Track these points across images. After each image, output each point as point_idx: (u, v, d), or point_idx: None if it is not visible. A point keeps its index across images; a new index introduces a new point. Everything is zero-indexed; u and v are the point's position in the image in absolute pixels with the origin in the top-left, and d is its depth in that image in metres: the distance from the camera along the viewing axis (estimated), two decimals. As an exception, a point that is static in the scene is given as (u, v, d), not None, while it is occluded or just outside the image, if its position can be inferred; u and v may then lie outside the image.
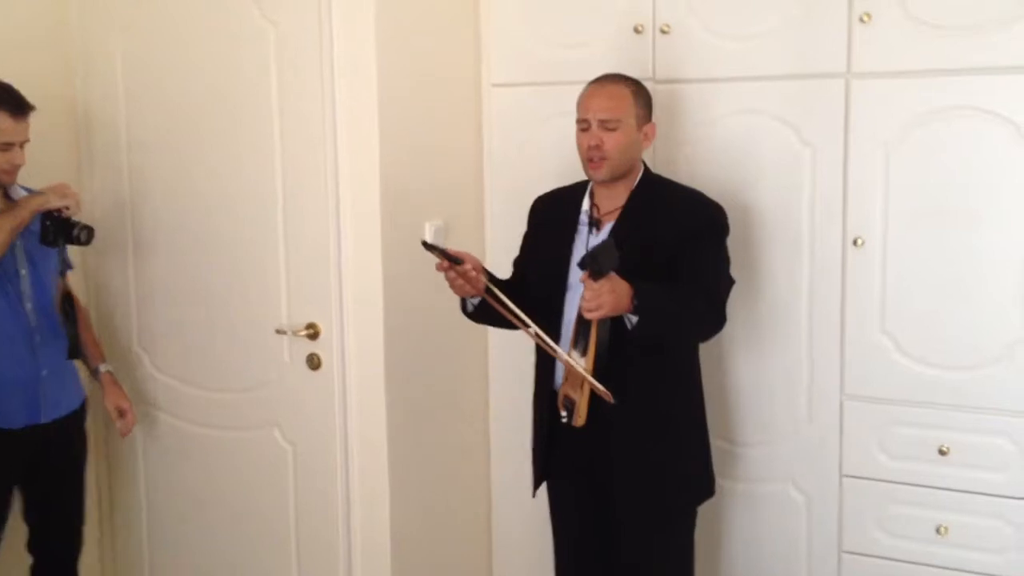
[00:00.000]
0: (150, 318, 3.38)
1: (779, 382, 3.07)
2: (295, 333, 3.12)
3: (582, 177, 2.77)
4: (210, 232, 3.23)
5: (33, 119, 2.83)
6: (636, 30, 3.07)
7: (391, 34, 2.97)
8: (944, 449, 2.87)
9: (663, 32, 3.04)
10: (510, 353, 3.38)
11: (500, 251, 3.32)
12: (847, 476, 3.01)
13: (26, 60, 3.16)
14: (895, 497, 2.95)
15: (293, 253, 3.11)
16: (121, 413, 3.17)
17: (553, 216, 2.82)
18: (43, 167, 3.22)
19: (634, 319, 2.44)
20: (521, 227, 3.23)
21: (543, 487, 2.90)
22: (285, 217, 3.10)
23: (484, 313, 2.70)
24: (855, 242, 2.91)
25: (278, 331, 3.15)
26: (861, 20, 2.82)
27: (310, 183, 3.04)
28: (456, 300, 2.76)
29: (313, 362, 3.11)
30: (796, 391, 3.04)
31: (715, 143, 3.05)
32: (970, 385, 2.83)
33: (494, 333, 3.40)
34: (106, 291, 3.43)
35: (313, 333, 3.10)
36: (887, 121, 2.84)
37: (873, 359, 2.93)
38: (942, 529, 2.90)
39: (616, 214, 2.69)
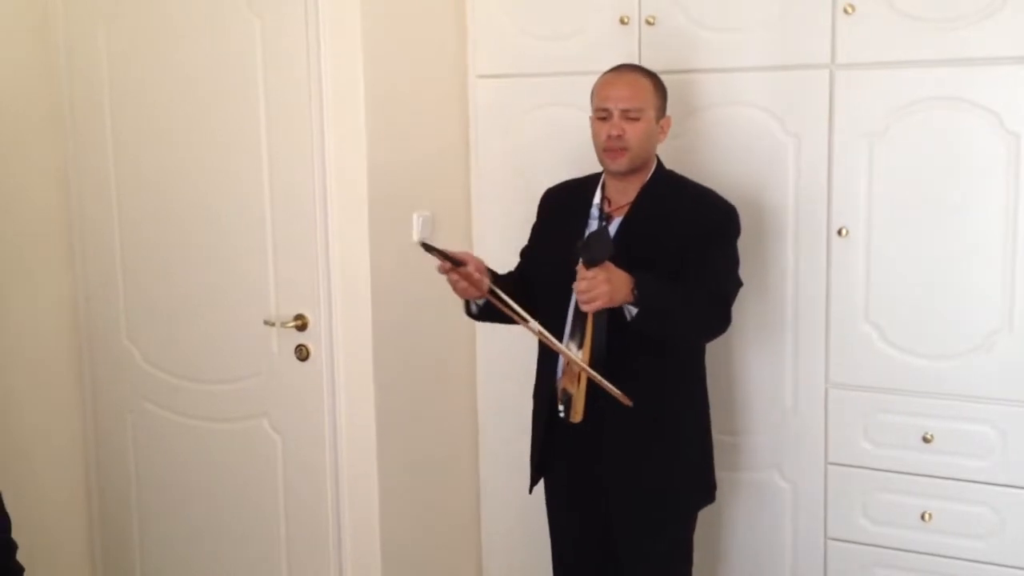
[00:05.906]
0: (139, 311, 3.38)
1: (765, 371, 3.08)
2: (283, 324, 3.12)
3: (567, 168, 2.77)
4: (198, 225, 3.23)
5: (18, 113, 2.80)
6: (622, 21, 3.08)
7: (377, 27, 2.97)
8: (928, 436, 2.89)
9: (648, 23, 3.05)
10: (498, 343, 3.40)
11: (487, 241, 3.34)
12: (832, 464, 3.03)
13: (9, 53, 3.16)
14: (880, 484, 2.97)
15: (281, 245, 3.11)
16: None
17: (564, 208, 2.76)
18: (28, 162, 3.23)
19: (633, 311, 2.39)
20: (507, 217, 3.25)
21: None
22: (273, 209, 3.10)
23: (486, 313, 2.66)
24: (840, 232, 2.92)
25: (266, 323, 3.15)
26: (845, 12, 2.83)
27: (297, 175, 3.04)
28: (447, 297, 2.72)
29: (301, 353, 3.12)
30: (782, 380, 3.06)
31: (700, 134, 3.06)
32: (953, 373, 2.86)
33: (482, 323, 3.41)
34: (95, 285, 3.42)
35: (301, 324, 3.10)
36: (871, 112, 2.86)
37: (858, 348, 2.95)
38: (927, 516, 2.92)
39: (627, 209, 2.64)
